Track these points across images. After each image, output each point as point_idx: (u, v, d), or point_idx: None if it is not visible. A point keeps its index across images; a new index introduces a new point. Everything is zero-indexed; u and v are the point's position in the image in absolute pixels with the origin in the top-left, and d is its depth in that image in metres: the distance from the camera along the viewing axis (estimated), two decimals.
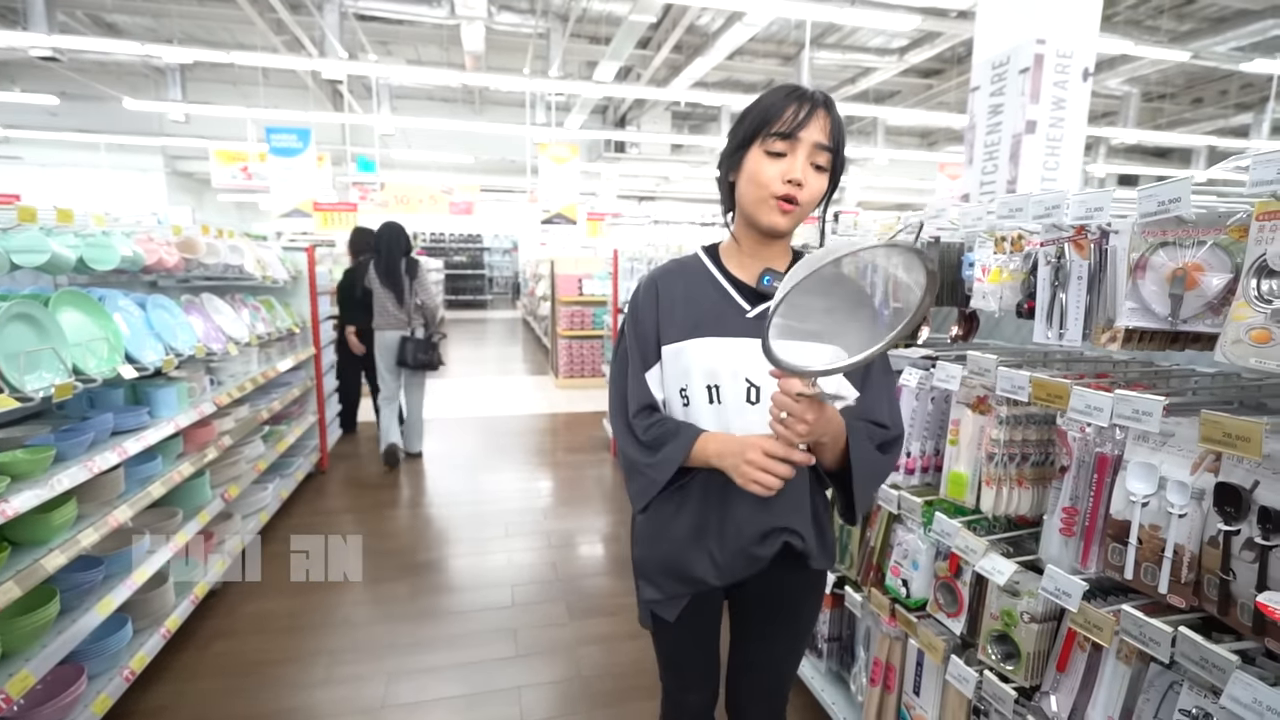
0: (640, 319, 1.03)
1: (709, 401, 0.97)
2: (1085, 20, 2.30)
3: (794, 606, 1.12)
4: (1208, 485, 0.87)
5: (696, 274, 1.03)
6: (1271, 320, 0.75)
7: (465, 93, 12.93)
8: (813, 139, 0.88)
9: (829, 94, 0.92)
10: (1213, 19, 7.76)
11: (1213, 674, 0.81)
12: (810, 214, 0.97)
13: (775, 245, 1.00)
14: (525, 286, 13.24)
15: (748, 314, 0.98)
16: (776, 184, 0.89)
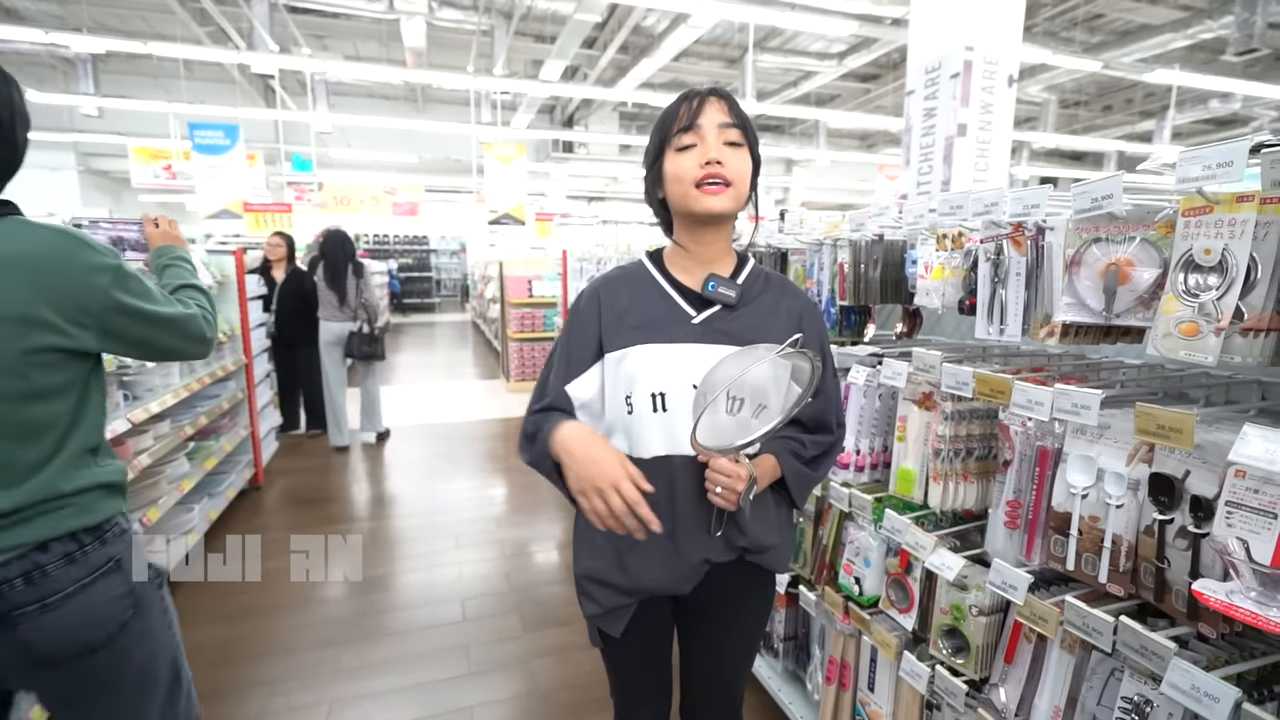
0: (578, 327, 1.01)
1: (653, 410, 0.94)
2: (1009, 29, 2.40)
3: (743, 609, 1.10)
4: (1143, 476, 0.89)
5: (641, 280, 1.02)
6: (1199, 314, 0.77)
7: (407, 90, 12.57)
8: (715, 120, 0.90)
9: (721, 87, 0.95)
10: (1119, 32, 8.31)
11: (1152, 661, 0.83)
12: (746, 200, 0.96)
13: (717, 243, 0.99)
14: (474, 289, 12.96)
15: (693, 319, 0.97)
16: (694, 170, 0.90)
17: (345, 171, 12.95)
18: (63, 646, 0.93)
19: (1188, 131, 12.42)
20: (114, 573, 0.98)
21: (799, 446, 0.98)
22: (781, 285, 1.04)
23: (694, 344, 0.94)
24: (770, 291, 1.01)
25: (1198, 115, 11.01)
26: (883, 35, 7.23)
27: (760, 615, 1.13)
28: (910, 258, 1.32)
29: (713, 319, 0.96)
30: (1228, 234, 0.74)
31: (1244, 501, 0.75)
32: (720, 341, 0.94)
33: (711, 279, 0.96)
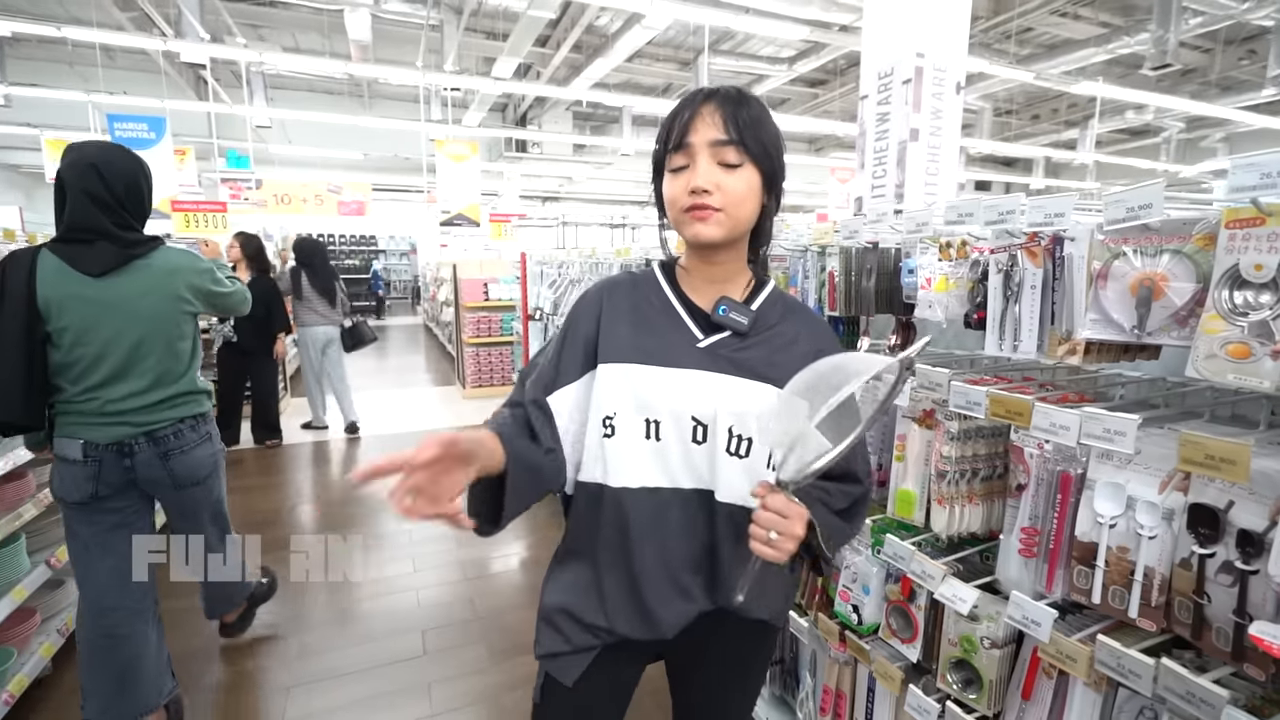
0: (574, 330, 0.91)
1: (646, 437, 0.85)
2: (956, 38, 2.40)
3: (745, 657, 0.99)
4: (1177, 505, 0.83)
5: (649, 291, 0.93)
6: (1250, 334, 0.71)
7: (352, 85, 12.07)
8: (706, 138, 0.80)
9: (731, 88, 0.84)
10: (1047, 45, 8.74)
11: (1201, 709, 0.77)
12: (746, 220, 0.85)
13: (725, 265, 0.89)
14: (426, 291, 12.55)
15: (699, 343, 0.87)
16: (682, 197, 0.82)
17: (286, 169, 12.33)
18: (188, 475, 1.71)
19: (1106, 140, 13.18)
20: (210, 440, 1.78)
21: (825, 495, 0.86)
22: (802, 315, 0.94)
23: (696, 370, 0.85)
24: (788, 321, 0.91)
25: (1115, 125, 11.72)
26: (831, 41, 7.35)
27: (763, 666, 1.03)
28: (907, 267, 1.25)
29: (720, 345, 0.87)
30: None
31: None
32: (726, 371, 0.85)
33: (723, 302, 0.87)
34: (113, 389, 1.56)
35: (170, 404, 1.65)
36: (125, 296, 1.56)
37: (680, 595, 0.87)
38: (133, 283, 1.57)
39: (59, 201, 1.54)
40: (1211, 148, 13.75)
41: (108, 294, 1.53)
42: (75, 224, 1.52)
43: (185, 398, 1.69)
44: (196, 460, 1.72)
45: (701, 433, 0.85)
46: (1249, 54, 9.44)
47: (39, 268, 1.49)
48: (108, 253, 1.53)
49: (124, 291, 1.56)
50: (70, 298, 1.50)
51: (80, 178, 1.50)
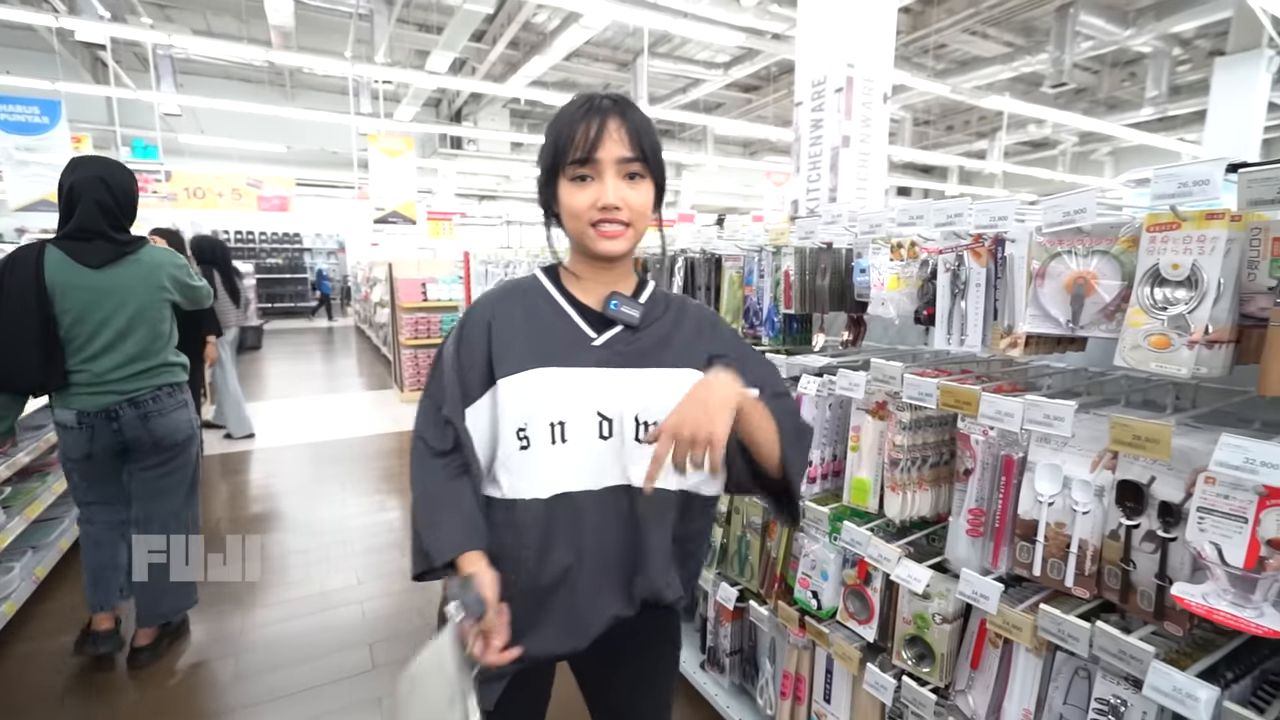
0: (466, 350, 0.88)
1: (552, 442, 0.84)
2: (883, 51, 2.54)
3: (654, 662, 1.01)
4: (1106, 482, 0.92)
5: (536, 297, 0.92)
6: (1169, 326, 0.80)
7: (273, 73, 11.43)
8: (613, 156, 0.81)
9: (624, 96, 0.85)
10: (959, 61, 9.38)
11: (1131, 665, 0.85)
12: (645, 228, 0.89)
13: (616, 270, 0.92)
14: (358, 291, 12.02)
15: (594, 341, 0.88)
16: (590, 213, 0.82)
17: (199, 161, 11.51)
18: (167, 435, 1.97)
19: (1012, 151, 14.25)
20: (186, 406, 2.04)
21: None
22: (683, 304, 0.97)
23: (596, 368, 0.86)
24: (672, 310, 0.94)
25: (1019, 137, 12.70)
26: (765, 48, 7.59)
27: (673, 667, 1.06)
28: (859, 266, 1.31)
29: (614, 340, 0.88)
30: (1196, 250, 0.77)
31: (1215, 507, 0.78)
32: (624, 365, 0.87)
33: (614, 297, 0.89)
34: (101, 361, 1.86)
35: (150, 374, 1.95)
36: (118, 285, 1.87)
37: (598, 603, 0.87)
38: (124, 274, 1.89)
39: (66, 204, 1.86)
40: (1100, 160, 15.12)
41: (104, 283, 1.85)
42: (82, 226, 1.84)
43: (162, 369, 1.99)
44: (174, 423, 2.00)
45: (607, 428, 0.85)
46: (1130, 76, 10.43)
47: (46, 260, 1.79)
48: (104, 249, 1.86)
49: (117, 281, 1.88)
50: (72, 285, 1.80)
51: (91, 189, 1.84)
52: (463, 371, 0.87)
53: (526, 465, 0.85)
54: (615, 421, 0.85)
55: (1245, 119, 6.41)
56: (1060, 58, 7.07)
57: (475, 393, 0.87)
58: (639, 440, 0.85)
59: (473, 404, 0.87)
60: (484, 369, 0.87)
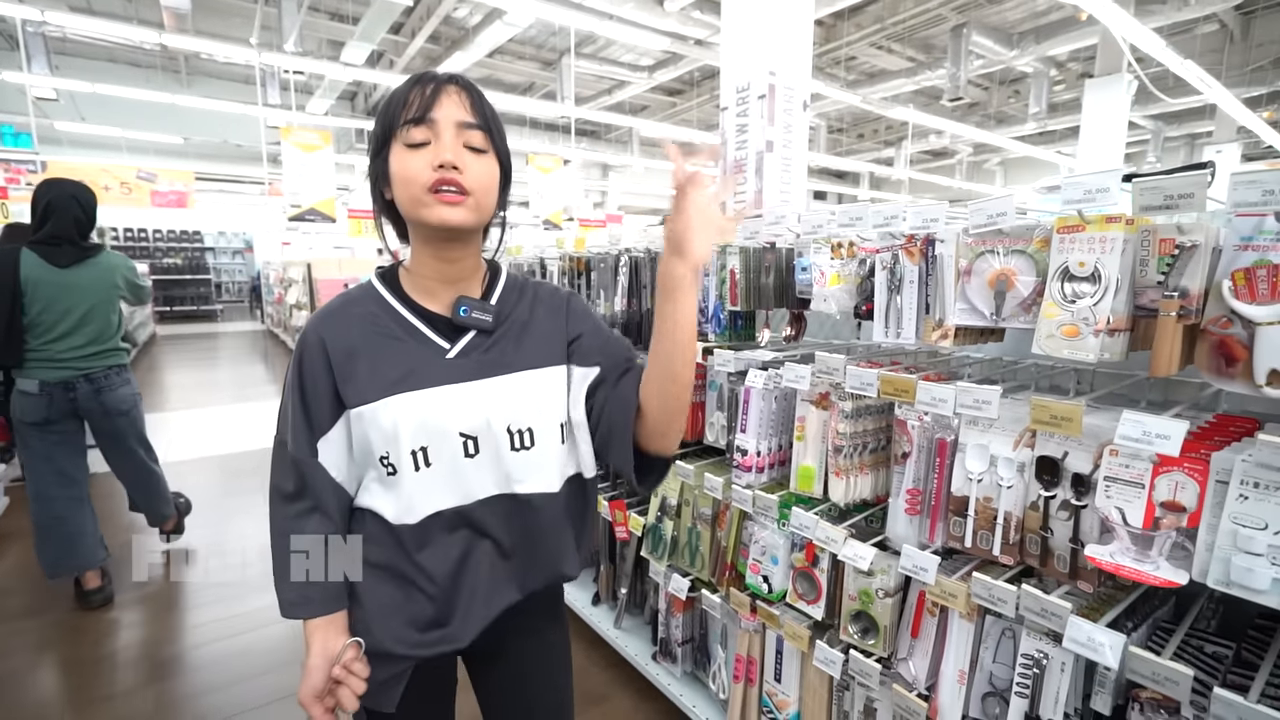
0: (307, 380, 0.81)
1: (415, 469, 0.79)
2: (801, 60, 2.68)
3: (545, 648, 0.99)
4: (1027, 458, 1.02)
5: (376, 311, 0.83)
6: (1078, 318, 0.90)
7: (165, 58, 10.53)
8: (453, 118, 0.76)
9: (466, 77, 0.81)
10: (868, 73, 9.98)
11: (1051, 620, 0.95)
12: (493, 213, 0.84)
13: (465, 259, 0.84)
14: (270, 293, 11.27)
15: (448, 353, 0.82)
16: (425, 173, 0.75)
17: (81, 151, 10.45)
18: (115, 406, 2.40)
19: (916, 159, 15.27)
20: (129, 384, 2.49)
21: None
22: (535, 290, 0.92)
23: (454, 384, 0.80)
24: (525, 299, 0.90)
25: (922, 146, 13.65)
26: (688, 53, 7.76)
27: (565, 650, 1.02)
28: (800, 265, 1.39)
29: (469, 349, 0.83)
30: (1099, 249, 0.88)
31: (1118, 475, 0.89)
32: (484, 375, 0.82)
33: (462, 303, 0.82)
34: (61, 344, 2.28)
35: (101, 356, 2.39)
36: (79, 282, 2.31)
37: (477, 601, 0.84)
38: (86, 273, 2.33)
39: (42, 215, 2.27)
40: (992, 170, 16.48)
41: (68, 279, 2.28)
42: (54, 234, 2.27)
43: (111, 352, 2.43)
44: (120, 396, 2.45)
45: (473, 445, 0.81)
46: (1015, 93, 11.43)
47: (22, 260, 2.20)
48: (71, 252, 2.30)
49: (79, 279, 2.31)
50: (43, 281, 2.23)
51: (65, 205, 2.28)
52: (307, 404, 0.81)
53: (400, 489, 0.80)
54: (480, 439, 0.81)
55: (1111, 135, 7.16)
56: (956, 74, 7.64)
57: (325, 424, 0.81)
58: (515, 449, 0.82)
59: (324, 436, 0.81)
60: (331, 398, 0.81)
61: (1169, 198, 0.80)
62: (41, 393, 2.25)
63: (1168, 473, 0.84)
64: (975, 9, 8.22)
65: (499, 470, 0.82)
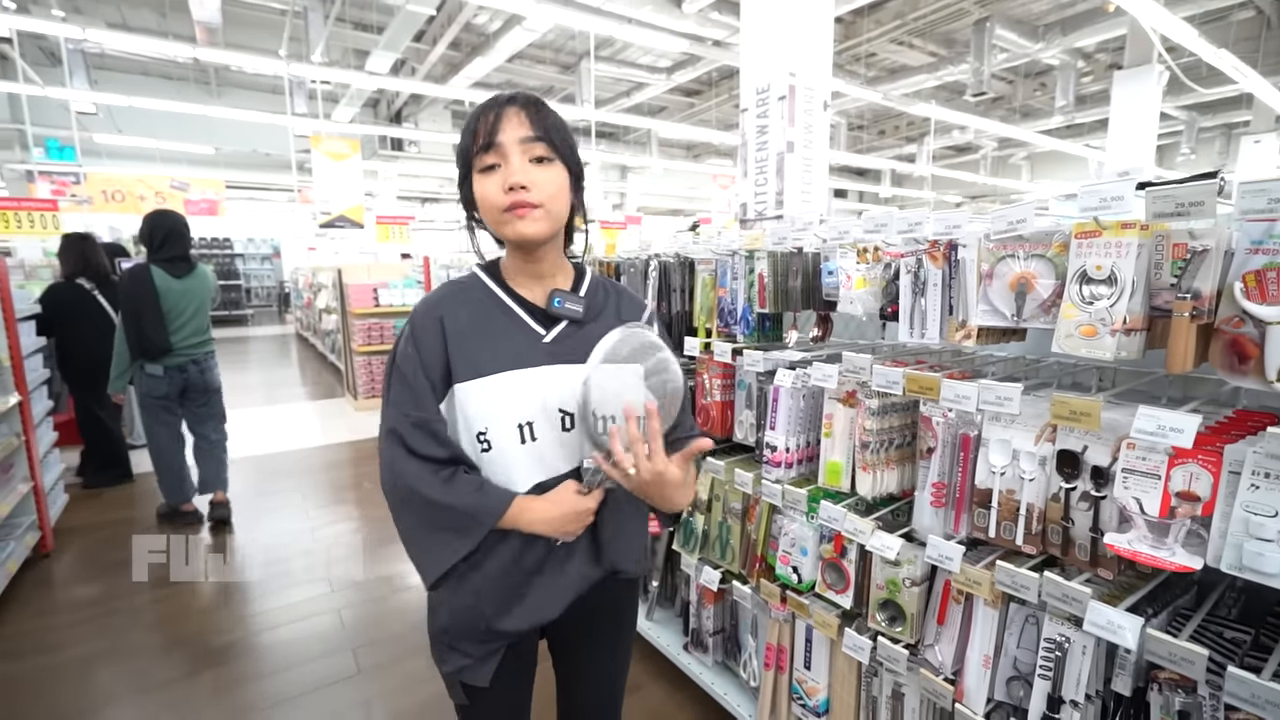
0: (425, 351, 0.89)
1: (521, 441, 0.88)
2: (822, 60, 2.71)
3: (617, 624, 1.11)
4: (1048, 452, 1.07)
5: (482, 298, 0.93)
6: (1095, 318, 0.95)
7: (197, 70, 10.84)
8: (516, 136, 0.84)
9: (529, 93, 0.88)
10: (889, 69, 9.90)
11: (1072, 605, 1.00)
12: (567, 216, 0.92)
13: (547, 259, 0.93)
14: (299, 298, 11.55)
15: (544, 339, 0.91)
16: (499, 196, 0.84)
17: (118, 162, 10.81)
18: (213, 381, 3.28)
19: (939, 155, 15.10)
20: (217, 365, 3.35)
21: None
22: (620, 293, 1.02)
23: (550, 366, 0.89)
24: (612, 300, 0.99)
25: (945, 142, 13.49)
26: (706, 54, 7.79)
27: (632, 623, 1.14)
28: (827, 268, 1.44)
29: (563, 336, 0.92)
30: (1115, 253, 0.93)
31: (1135, 468, 0.94)
32: (574, 360, 0.89)
33: (556, 294, 0.91)
34: (178, 336, 3.03)
35: (202, 345, 3.17)
36: (191, 288, 3.07)
37: (568, 577, 0.94)
38: (193, 281, 3.09)
39: (162, 239, 3.01)
40: (1017, 165, 16.21)
41: (184, 287, 3.04)
42: (173, 254, 3.02)
43: (208, 341, 3.23)
44: (215, 375, 3.31)
45: (569, 421, 0.90)
46: (1041, 86, 11.26)
47: (154, 274, 2.94)
48: (183, 266, 3.06)
49: (190, 286, 3.07)
50: (169, 289, 2.98)
51: (181, 232, 3.07)
52: (426, 370, 0.88)
53: (494, 465, 0.88)
54: (576, 415, 0.88)
55: (1141, 127, 7.03)
56: (979, 68, 7.58)
57: (440, 391, 0.89)
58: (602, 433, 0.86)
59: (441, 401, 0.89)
60: (442, 371, 0.88)
61: (1180, 205, 0.84)
62: (165, 374, 3.04)
63: (1183, 464, 0.89)
64: (998, 2, 8.13)
65: (584, 447, 0.90)
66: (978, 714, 1.17)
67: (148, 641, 2.31)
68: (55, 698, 2.00)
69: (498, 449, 0.88)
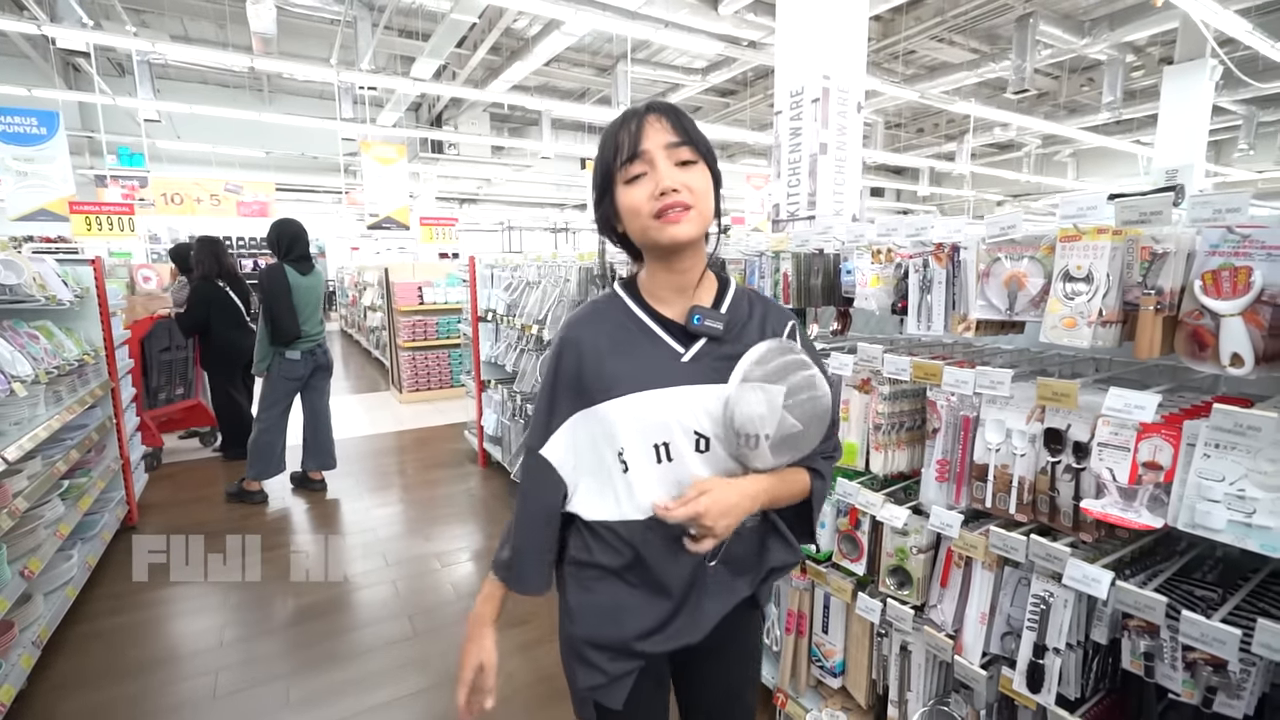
0: (561, 374, 0.91)
1: (657, 461, 0.87)
2: (856, 63, 2.79)
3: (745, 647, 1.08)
4: (1037, 430, 1.21)
5: (620, 316, 0.92)
6: (1075, 312, 1.09)
7: (251, 79, 11.40)
8: (660, 142, 0.83)
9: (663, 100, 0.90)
10: (928, 67, 9.80)
11: (1054, 564, 1.14)
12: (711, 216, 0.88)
13: (690, 271, 0.90)
14: (344, 296, 12.04)
15: (683, 357, 0.88)
16: (649, 203, 0.83)
17: (175, 166, 11.45)
18: (332, 362, 3.86)
19: (979, 153, 14.84)
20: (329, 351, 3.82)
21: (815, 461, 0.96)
22: (765, 304, 0.98)
23: (689, 385, 0.87)
24: (755, 314, 0.95)
25: (985, 140, 13.26)
26: (740, 55, 7.89)
27: (758, 648, 1.11)
28: (846, 268, 1.59)
29: (702, 355, 0.89)
30: (1092, 255, 1.06)
31: (1109, 441, 1.07)
32: (713, 379, 0.87)
33: (696, 312, 0.88)
34: (308, 324, 3.52)
35: (323, 332, 3.68)
36: (314, 284, 3.57)
37: (710, 598, 0.92)
38: (314, 279, 3.58)
39: (290, 242, 3.50)
40: (1063, 162, 15.80)
41: (309, 282, 3.54)
42: (300, 254, 3.54)
43: (324, 329, 3.70)
44: (330, 356, 3.78)
45: (704, 444, 0.87)
46: (1089, 81, 11.00)
47: (287, 272, 3.43)
48: (308, 265, 3.57)
49: (314, 282, 3.57)
50: (299, 285, 3.47)
51: (304, 237, 3.58)
52: (555, 400, 0.91)
53: (632, 486, 0.87)
54: (711, 439, 0.87)
55: (1192, 123, 6.86)
56: (1022, 65, 7.49)
57: (563, 416, 0.91)
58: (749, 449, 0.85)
59: (558, 429, 0.91)
60: (578, 392, 0.89)
61: (1143, 214, 0.98)
62: (302, 358, 3.55)
63: (1148, 438, 1.02)
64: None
65: (725, 468, 0.88)
66: (974, 664, 1.31)
67: (229, 600, 2.58)
68: (152, 645, 2.28)
69: (634, 469, 0.87)
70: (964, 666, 1.32)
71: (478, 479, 4.06)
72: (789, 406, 0.85)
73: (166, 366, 4.48)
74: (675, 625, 0.91)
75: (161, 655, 2.24)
